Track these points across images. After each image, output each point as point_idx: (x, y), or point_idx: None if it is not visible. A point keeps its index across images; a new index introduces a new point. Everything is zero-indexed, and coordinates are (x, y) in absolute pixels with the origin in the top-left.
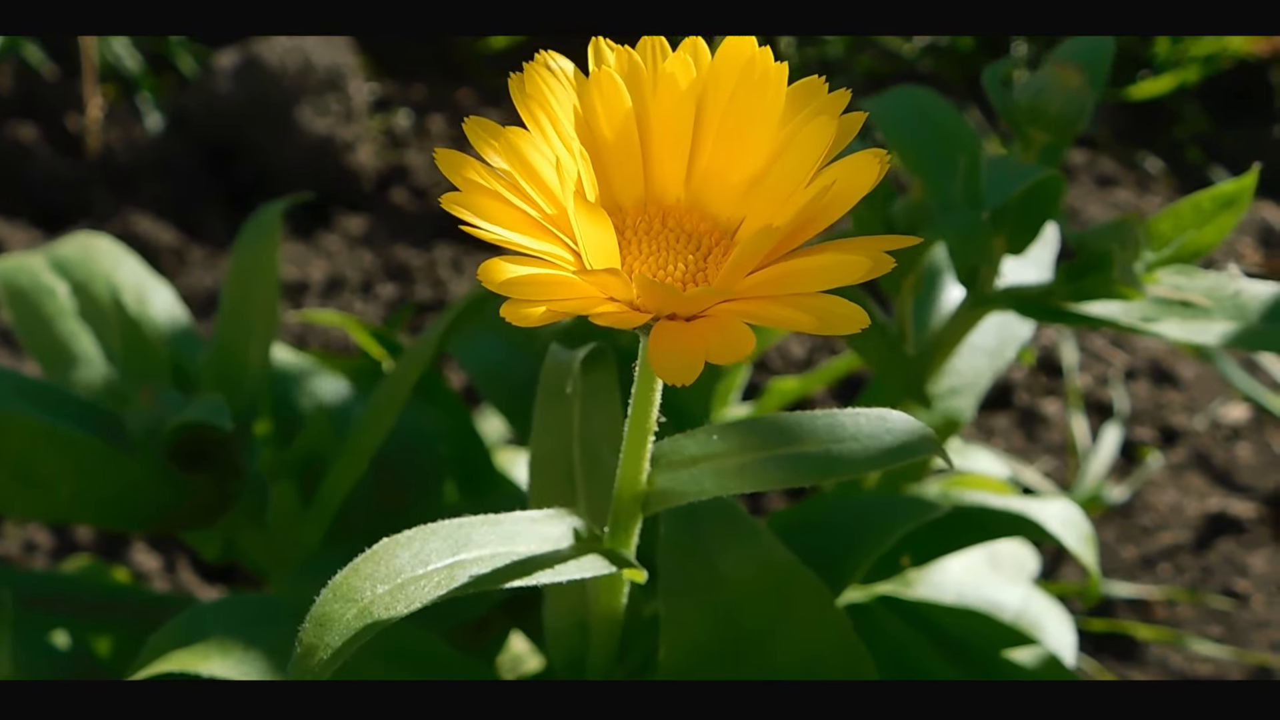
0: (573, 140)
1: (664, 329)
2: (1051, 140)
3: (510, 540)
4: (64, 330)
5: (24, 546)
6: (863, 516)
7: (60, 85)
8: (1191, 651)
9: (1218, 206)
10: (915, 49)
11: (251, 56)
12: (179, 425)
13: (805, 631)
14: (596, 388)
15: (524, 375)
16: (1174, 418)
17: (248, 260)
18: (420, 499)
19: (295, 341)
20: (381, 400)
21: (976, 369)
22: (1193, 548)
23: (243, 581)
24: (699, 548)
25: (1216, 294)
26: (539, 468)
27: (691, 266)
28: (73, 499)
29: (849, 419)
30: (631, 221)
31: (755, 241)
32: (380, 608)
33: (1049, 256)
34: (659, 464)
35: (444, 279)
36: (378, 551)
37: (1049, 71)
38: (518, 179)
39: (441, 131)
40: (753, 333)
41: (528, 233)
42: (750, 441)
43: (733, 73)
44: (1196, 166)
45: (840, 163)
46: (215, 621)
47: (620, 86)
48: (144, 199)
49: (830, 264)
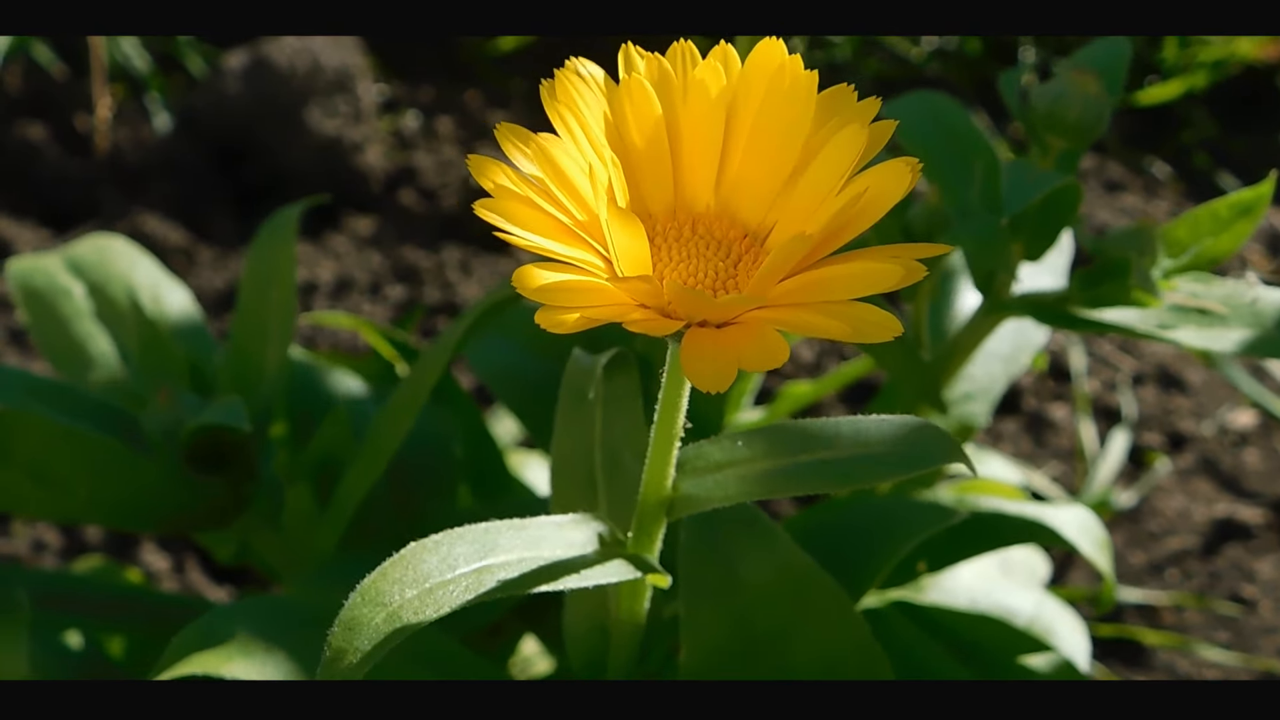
0: (604, 147)
1: (696, 336)
2: (1069, 146)
3: (536, 545)
4: (80, 331)
5: (33, 546)
6: (880, 522)
7: (69, 85)
8: (1199, 657)
9: (1235, 214)
10: (923, 53)
11: (260, 57)
12: (196, 427)
13: (822, 634)
14: (618, 393)
15: (537, 377)
16: (1182, 423)
17: (264, 262)
18: (435, 501)
19: (304, 343)
20: (399, 403)
21: (991, 375)
22: (1200, 553)
23: (252, 583)
24: (719, 551)
25: (1233, 301)
26: (561, 472)
27: (721, 273)
28: (88, 500)
29: (873, 425)
30: (661, 228)
31: (788, 249)
32: (409, 612)
33: (1064, 263)
34: (684, 470)
35: (452, 280)
36: (405, 556)
37: (1066, 78)
38: (549, 185)
39: (450, 133)
40: (786, 341)
41: (560, 239)
42: (775, 448)
43: (763, 80)
44: (1204, 172)
45: (871, 170)
46: (237, 624)
47: (651, 93)
48: (152, 199)
49: (863, 272)
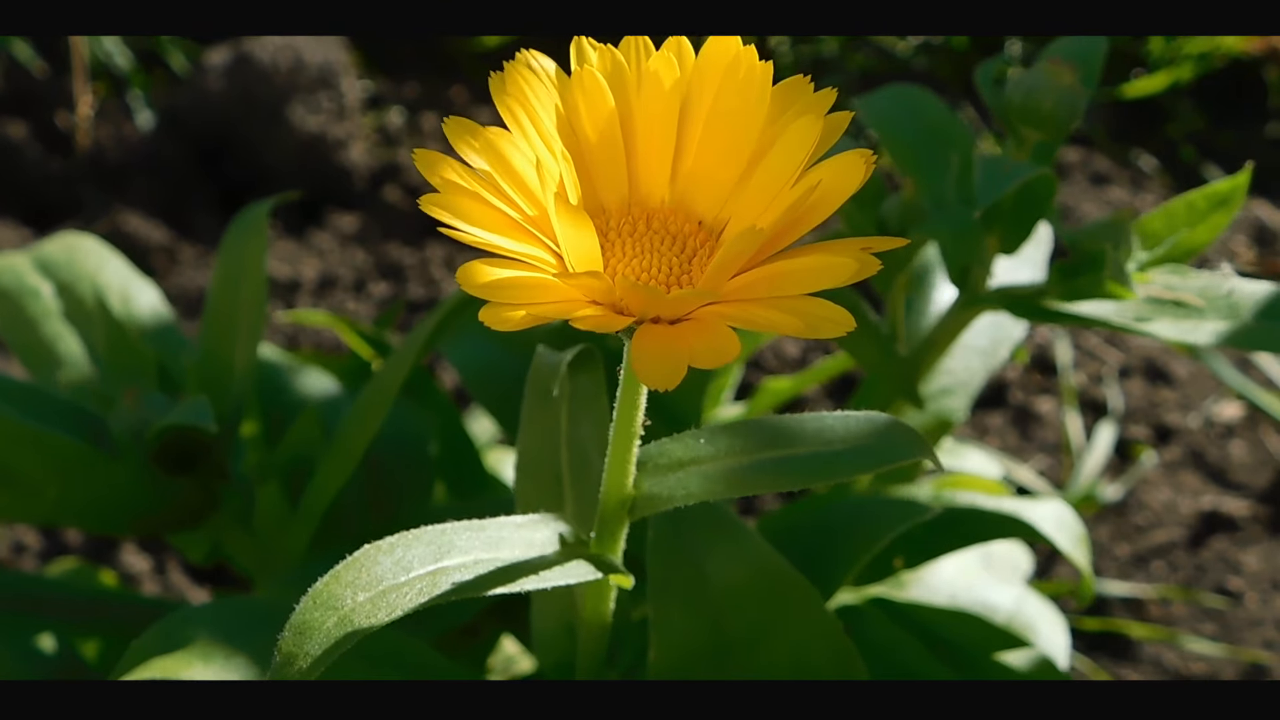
0: (555, 140)
1: (647, 332)
2: (1044, 138)
3: (494, 546)
4: (48, 331)
5: (12, 548)
6: (853, 519)
7: (50, 82)
8: (1185, 650)
9: (1211, 205)
10: (909, 47)
11: (243, 54)
12: (163, 428)
13: (795, 635)
14: (584, 390)
15: (514, 375)
16: (1168, 416)
17: (234, 260)
18: (410, 500)
19: (287, 341)
20: (368, 402)
21: (969, 369)
22: (1186, 546)
23: (232, 583)
24: (686, 551)
25: (1209, 293)
26: (526, 471)
27: (676, 268)
28: (57, 502)
29: (838, 422)
30: (615, 223)
31: (739, 243)
32: (361, 616)
33: (1042, 255)
34: (645, 468)
35: (437, 277)
36: (359, 559)
37: (1042, 69)
38: (498, 180)
39: (434, 129)
40: (737, 337)
41: (508, 234)
42: (738, 445)
43: (717, 72)
44: (1190, 164)
45: (826, 162)
46: (198, 627)
47: (603, 85)
48: (134, 197)
49: (816, 266)
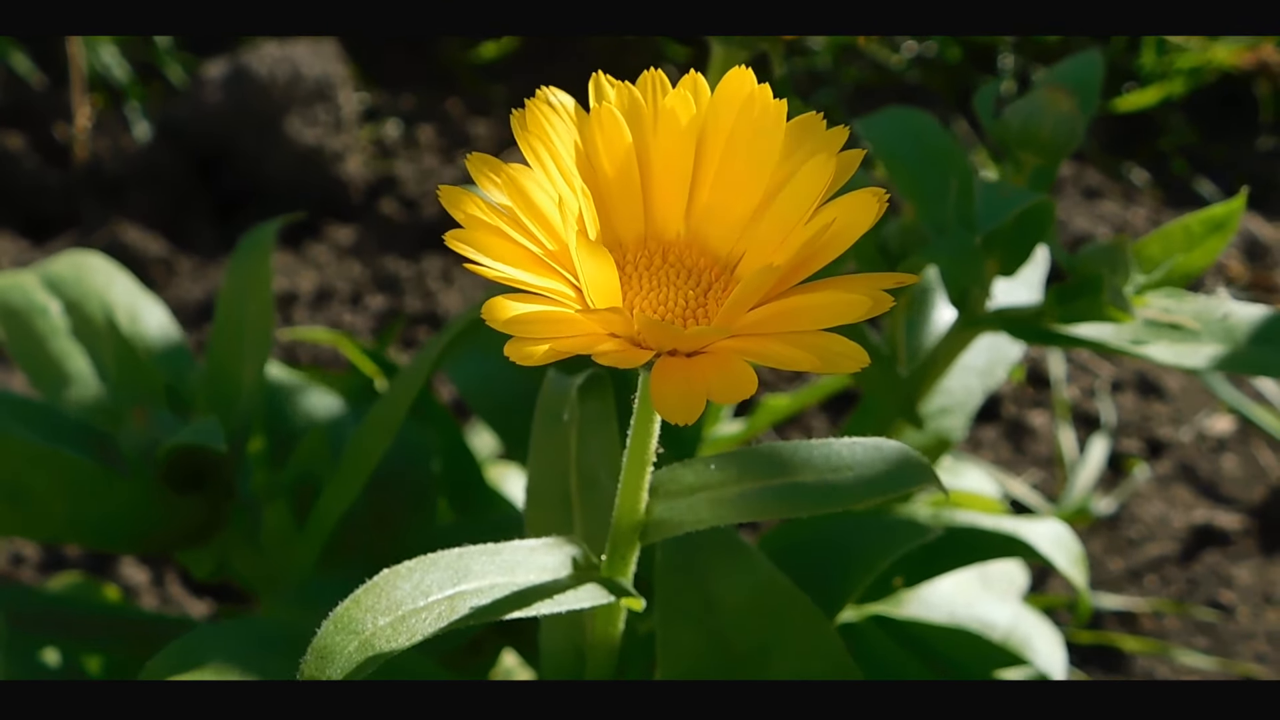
0: (574, 176)
1: (666, 366)
2: (1042, 163)
3: (509, 570)
4: (56, 349)
5: (11, 560)
6: (856, 539)
7: (48, 94)
8: (1178, 663)
9: (1207, 230)
10: (903, 60)
11: (240, 66)
12: (172, 447)
13: (799, 653)
14: (593, 415)
15: (514, 391)
16: (1160, 430)
17: (241, 279)
18: (413, 517)
19: (284, 355)
20: (376, 422)
21: (968, 389)
22: (1179, 559)
23: (232, 597)
24: (694, 571)
25: (1205, 317)
26: (536, 494)
27: (692, 302)
28: (65, 520)
29: (845, 448)
30: (632, 257)
31: (755, 280)
32: (382, 640)
33: (1038, 277)
34: (657, 493)
35: (433, 290)
36: (378, 583)
37: (1040, 94)
38: (520, 215)
39: (431, 141)
40: (754, 372)
41: (530, 269)
42: (747, 472)
43: (732, 109)
44: (1182, 178)
45: (839, 200)
46: (211, 648)
47: (621, 123)
48: (132, 209)
49: (831, 302)
